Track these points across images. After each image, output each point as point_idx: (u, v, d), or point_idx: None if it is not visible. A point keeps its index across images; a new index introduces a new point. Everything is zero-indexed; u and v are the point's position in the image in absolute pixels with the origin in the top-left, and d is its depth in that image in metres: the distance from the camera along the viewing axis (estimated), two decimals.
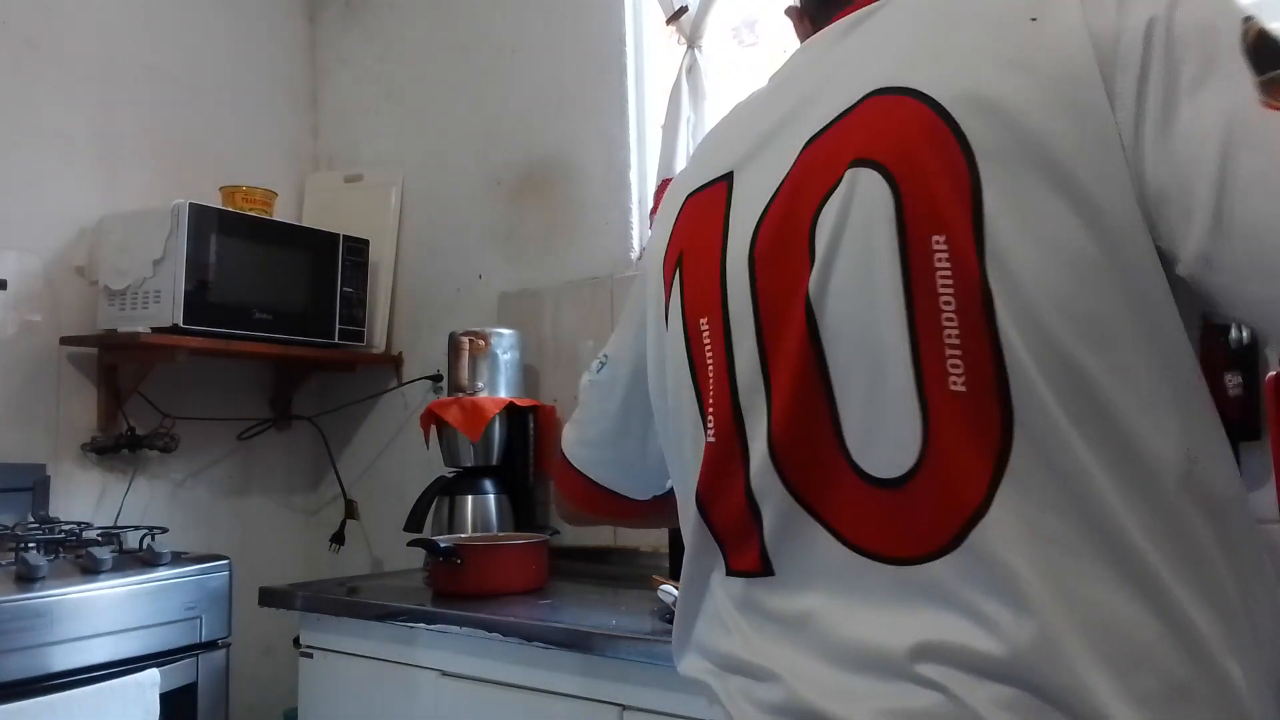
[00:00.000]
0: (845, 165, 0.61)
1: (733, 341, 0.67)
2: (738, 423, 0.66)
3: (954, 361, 0.56)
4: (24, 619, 1.57)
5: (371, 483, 2.65)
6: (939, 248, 0.56)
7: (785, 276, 0.63)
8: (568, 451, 0.94)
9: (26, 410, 2.18)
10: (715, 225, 0.69)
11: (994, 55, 0.58)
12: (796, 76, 0.72)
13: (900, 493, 0.58)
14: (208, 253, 2.15)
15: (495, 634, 1.56)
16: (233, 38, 2.67)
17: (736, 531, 0.67)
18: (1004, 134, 0.56)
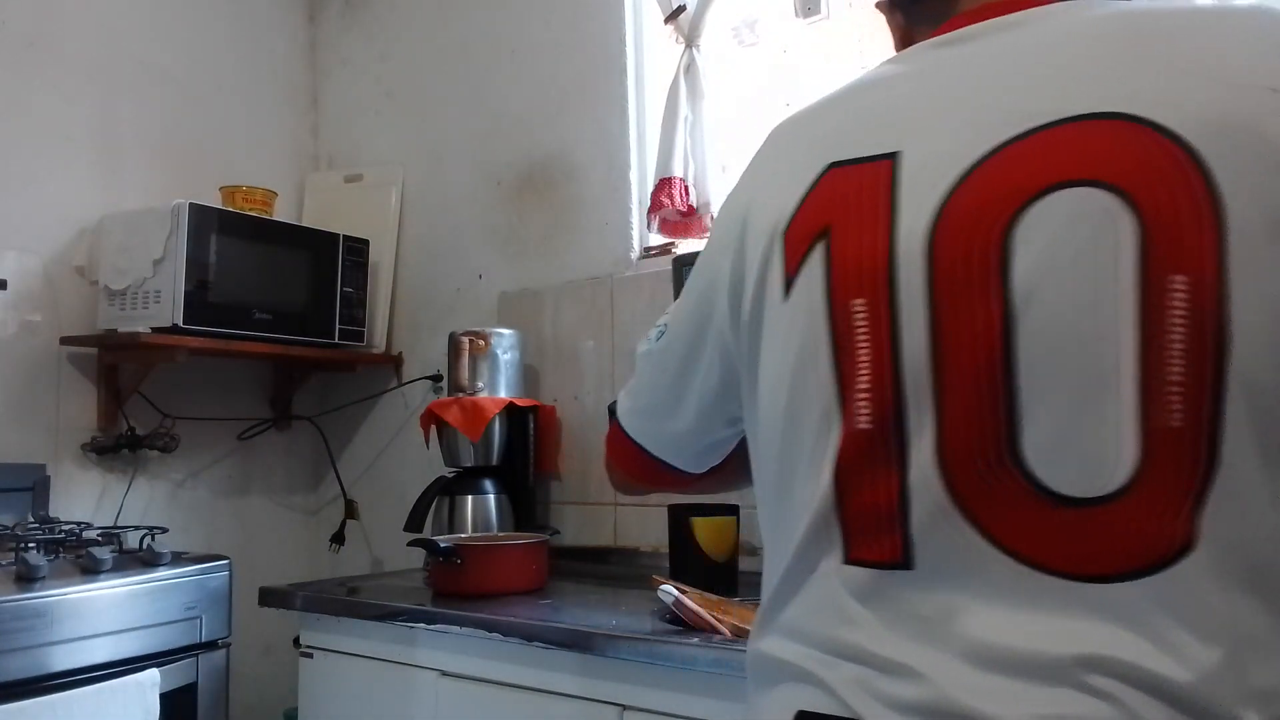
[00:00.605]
0: (1068, 177, 0.60)
1: (899, 328, 0.64)
2: (898, 415, 0.64)
3: (1175, 398, 0.57)
4: (24, 619, 1.57)
5: (371, 483, 2.65)
6: (1178, 287, 0.57)
7: (973, 272, 0.62)
8: (622, 419, 0.91)
9: (26, 410, 2.18)
10: (880, 204, 0.66)
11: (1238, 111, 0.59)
12: (966, 64, 0.70)
13: (1094, 511, 0.59)
14: (208, 253, 2.15)
15: (495, 634, 1.56)
16: (233, 37, 2.67)
17: (874, 521, 0.66)
18: (1257, 192, 0.57)
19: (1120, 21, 0.66)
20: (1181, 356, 0.57)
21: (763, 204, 0.75)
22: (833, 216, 0.69)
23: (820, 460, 0.68)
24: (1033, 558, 0.60)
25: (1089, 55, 0.65)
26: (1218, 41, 0.63)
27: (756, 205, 0.75)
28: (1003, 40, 0.69)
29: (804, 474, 0.70)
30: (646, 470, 0.92)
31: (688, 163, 2.11)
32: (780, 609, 0.72)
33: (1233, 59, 0.61)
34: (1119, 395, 0.58)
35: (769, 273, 0.72)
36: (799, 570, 0.70)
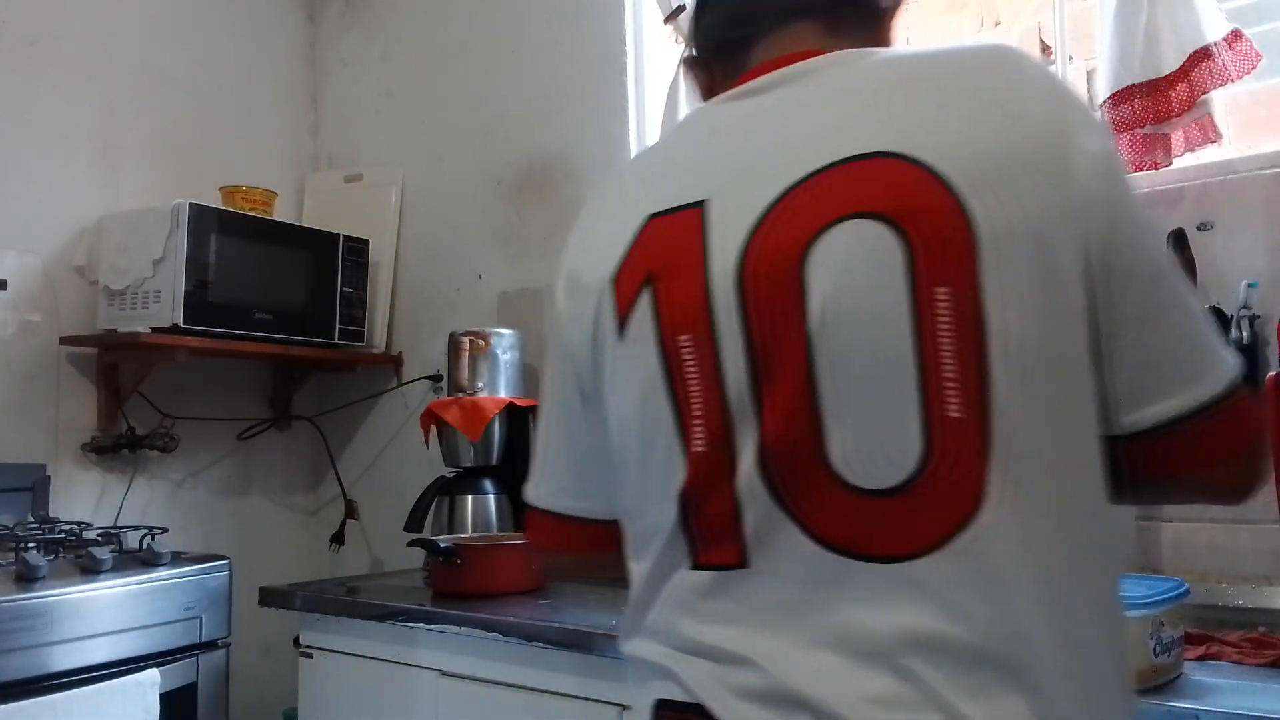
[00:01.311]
0: (845, 211, 0.69)
1: (721, 358, 0.72)
2: (727, 433, 0.72)
3: (951, 392, 0.66)
4: (24, 619, 1.57)
5: (371, 483, 2.65)
6: (942, 298, 0.66)
7: (776, 303, 0.70)
8: (530, 499, 0.94)
9: (26, 410, 2.18)
10: (693, 248, 0.74)
11: (985, 143, 0.69)
12: (763, 115, 0.79)
13: (892, 500, 0.67)
14: (208, 253, 2.15)
15: (495, 634, 1.56)
16: (233, 37, 2.67)
17: (717, 531, 0.73)
18: (999, 212, 0.67)
19: (890, 69, 0.77)
20: (953, 356, 0.66)
21: (591, 261, 0.83)
22: (655, 263, 0.77)
23: (669, 483, 0.75)
24: (849, 546, 0.68)
25: (864, 101, 0.74)
26: (967, 81, 0.73)
27: (585, 264, 0.83)
28: (792, 90, 0.78)
29: (657, 496, 0.77)
30: (564, 535, 0.93)
31: None
32: (643, 613, 0.79)
33: (976, 92, 0.72)
34: (905, 395, 0.67)
35: (603, 319, 0.79)
36: (656, 578, 0.77)
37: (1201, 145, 1.59)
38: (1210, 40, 1.53)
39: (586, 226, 0.88)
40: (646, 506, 0.79)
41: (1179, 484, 0.76)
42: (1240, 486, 0.75)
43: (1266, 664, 1.15)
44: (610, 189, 0.91)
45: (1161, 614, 1.06)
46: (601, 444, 0.85)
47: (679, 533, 0.75)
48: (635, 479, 0.80)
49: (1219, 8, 1.57)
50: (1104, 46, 1.64)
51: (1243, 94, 1.60)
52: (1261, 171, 1.55)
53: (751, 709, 0.69)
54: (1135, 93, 1.58)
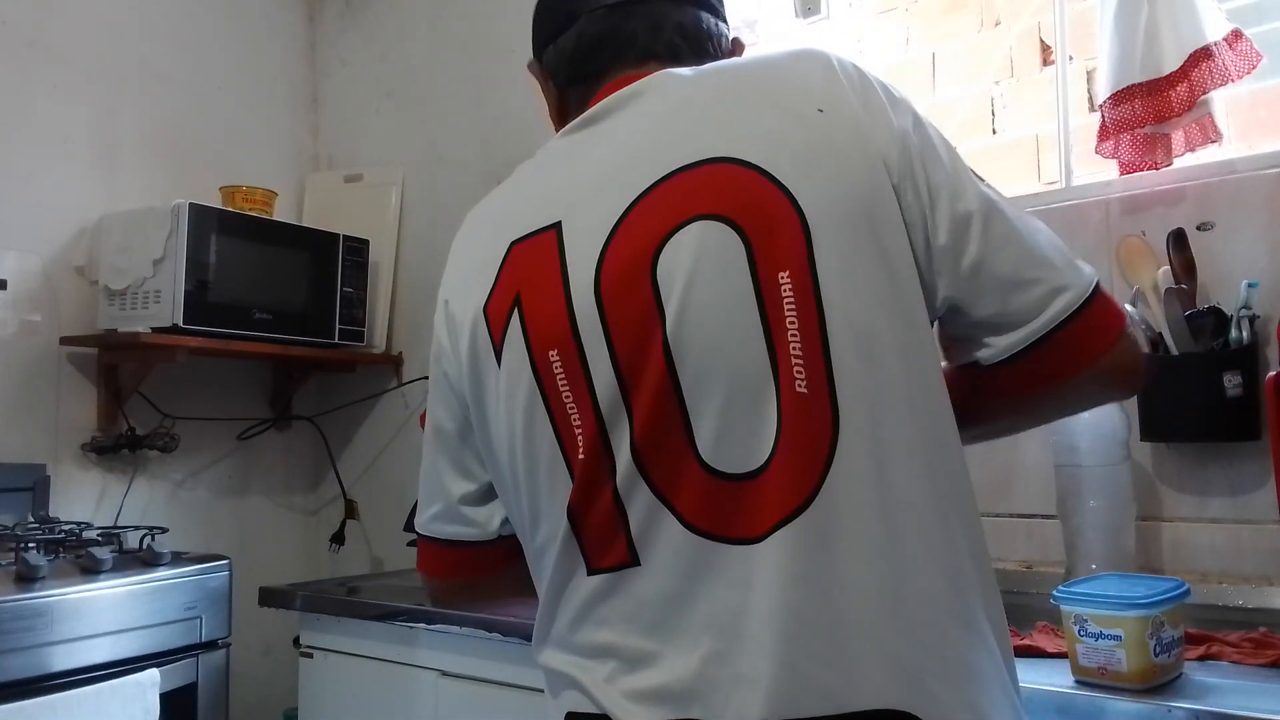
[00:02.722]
0: (686, 216, 0.74)
1: (589, 367, 0.76)
2: (603, 437, 0.76)
3: (798, 368, 0.71)
4: (24, 619, 1.57)
5: (371, 483, 2.65)
6: (784, 281, 0.72)
7: (634, 307, 0.75)
8: (417, 528, 0.96)
9: (26, 410, 2.18)
10: (552, 267, 0.79)
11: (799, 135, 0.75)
12: (603, 140, 0.84)
13: (753, 481, 0.71)
14: (208, 253, 2.15)
15: (495, 634, 1.56)
16: (233, 37, 2.67)
17: (603, 533, 0.76)
18: (823, 197, 0.73)
19: (712, 79, 0.83)
20: (797, 334, 0.71)
21: (461, 293, 0.86)
22: (520, 285, 0.81)
23: (557, 495, 0.79)
24: (716, 531, 0.72)
25: (690, 113, 0.80)
26: (779, 83, 0.80)
27: (456, 296, 0.87)
28: (627, 112, 0.84)
29: (546, 510, 0.80)
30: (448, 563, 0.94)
31: None
32: (548, 624, 0.82)
33: (791, 93, 0.79)
34: (760, 377, 0.71)
35: (479, 347, 0.83)
36: (556, 588, 0.80)
37: (1202, 145, 1.59)
38: (1210, 40, 1.53)
39: (456, 261, 0.92)
40: (539, 521, 0.81)
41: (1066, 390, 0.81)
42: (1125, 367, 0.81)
43: (1267, 664, 1.15)
44: (476, 224, 0.94)
45: (1161, 614, 1.06)
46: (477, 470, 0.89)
47: (571, 541, 0.78)
48: (525, 497, 0.82)
49: (1219, 8, 1.57)
50: (1104, 46, 1.64)
51: (1243, 94, 1.60)
52: (1262, 171, 1.55)
53: (648, 711, 0.72)
54: (1135, 93, 1.58)
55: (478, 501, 0.91)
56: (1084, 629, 1.08)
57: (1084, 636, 1.08)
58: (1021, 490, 1.71)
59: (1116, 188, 1.67)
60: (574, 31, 0.91)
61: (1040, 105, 1.90)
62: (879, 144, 0.75)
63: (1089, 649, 1.07)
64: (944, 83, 2.05)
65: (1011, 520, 1.72)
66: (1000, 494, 1.74)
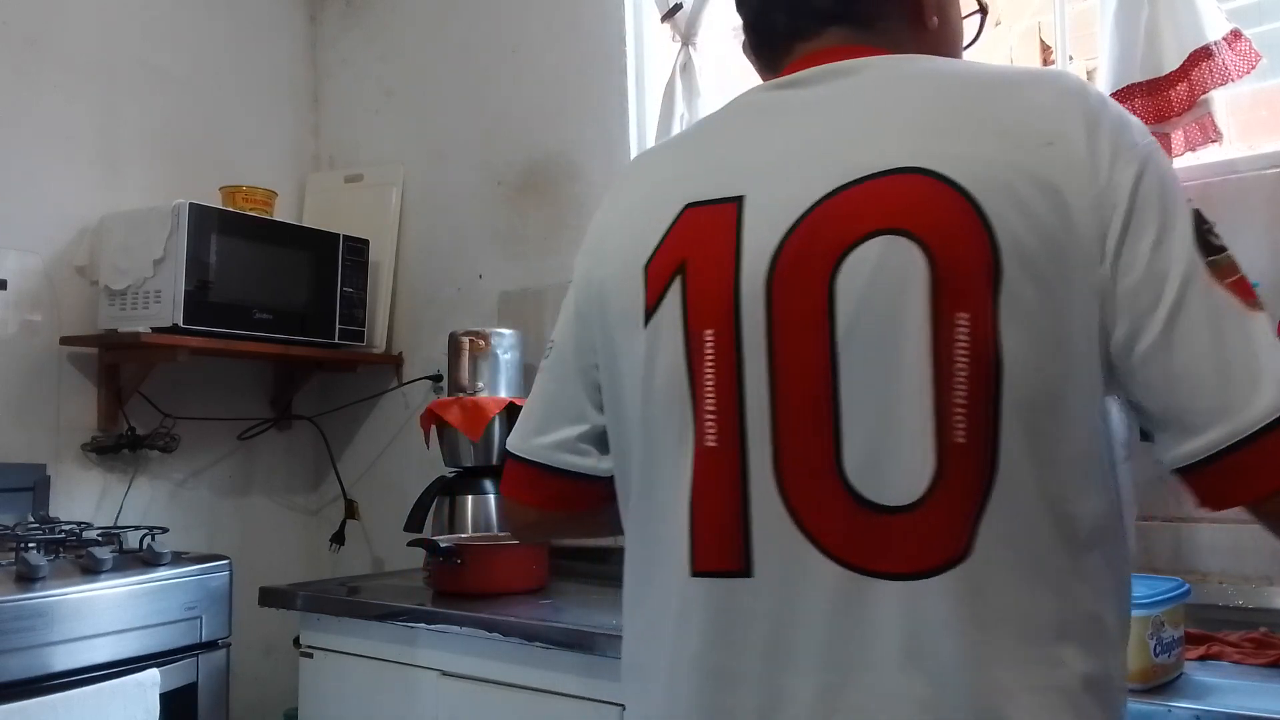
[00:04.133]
0: (877, 227, 0.70)
1: (743, 357, 0.73)
2: (741, 434, 0.72)
3: (959, 418, 0.67)
4: (24, 619, 1.57)
5: (372, 483, 2.65)
6: (961, 324, 0.67)
7: (803, 311, 0.71)
8: (518, 449, 0.92)
9: (27, 410, 2.18)
10: (727, 244, 0.75)
11: (1017, 166, 0.69)
12: (798, 111, 0.79)
13: (900, 518, 0.68)
14: (208, 253, 2.15)
15: (495, 634, 1.56)
16: (233, 37, 2.67)
17: (719, 533, 0.73)
18: (1021, 239, 0.67)
19: (932, 82, 0.76)
20: (965, 382, 0.67)
21: (622, 240, 0.83)
22: (688, 252, 0.77)
23: (677, 474, 0.75)
24: (855, 561, 0.69)
25: (903, 113, 0.75)
26: (1007, 104, 0.73)
27: (613, 239, 0.84)
28: (832, 88, 0.78)
29: (663, 484, 0.77)
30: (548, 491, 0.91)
31: None
32: (635, 614, 0.80)
33: (1017, 120, 0.71)
34: (918, 417, 0.68)
35: (630, 302, 0.80)
36: (653, 576, 0.78)
37: (1202, 145, 1.59)
38: (1210, 40, 1.53)
39: (618, 202, 0.87)
40: (654, 493, 0.78)
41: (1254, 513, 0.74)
42: None
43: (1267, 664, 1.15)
44: (648, 168, 0.90)
45: (1162, 614, 1.06)
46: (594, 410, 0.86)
47: (683, 529, 0.74)
48: (642, 463, 0.80)
49: (1219, 8, 1.57)
50: (1104, 46, 1.64)
51: (1243, 94, 1.60)
52: (1262, 171, 1.55)
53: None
54: (1135, 92, 1.58)
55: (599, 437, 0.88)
56: None
57: None
58: None
59: None
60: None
61: None
62: (1089, 196, 0.68)
63: None
64: None
65: None
66: None
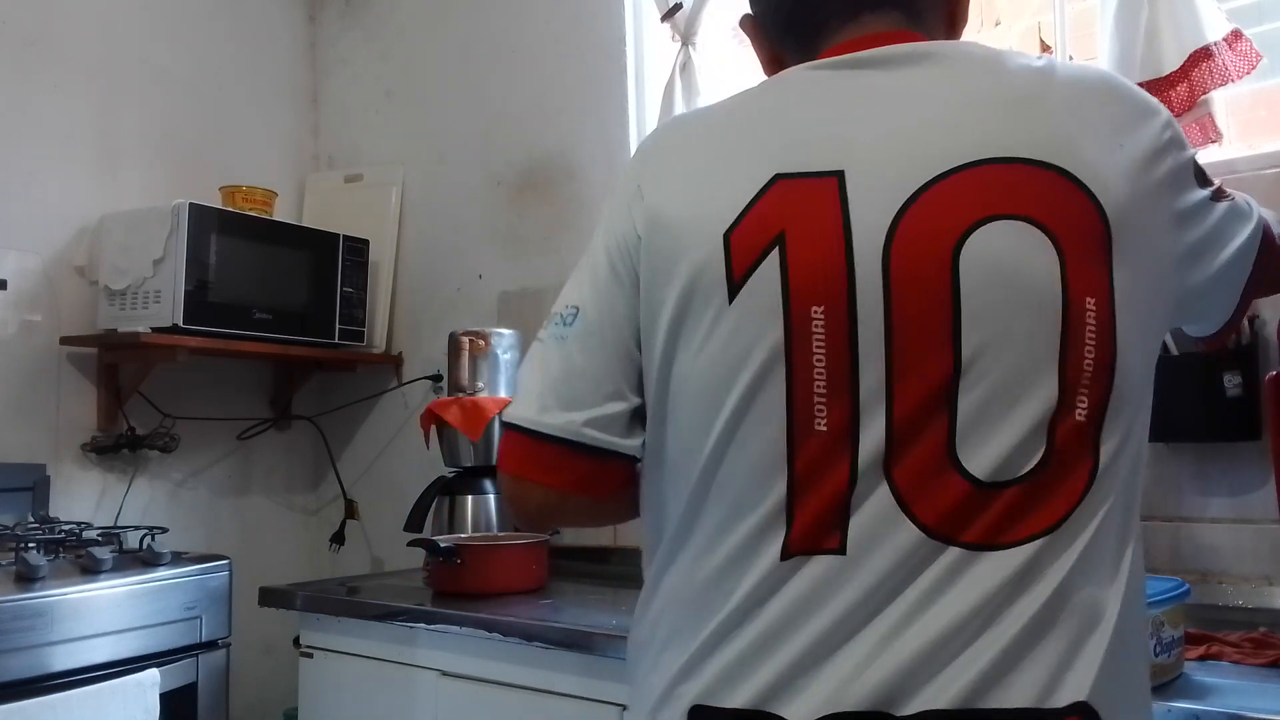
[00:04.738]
0: (997, 211, 0.71)
1: (858, 338, 0.71)
2: (854, 417, 0.71)
3: (1083, 396, 0.71)
4: (24, 619, 1.57)
5: (371, 483, 2.65)
6: (1090, 308, 0.70)
7: (927, 290, 0.70)
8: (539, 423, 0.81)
9: (26, 410, 2.18)
10: (834, 219, 0.72)
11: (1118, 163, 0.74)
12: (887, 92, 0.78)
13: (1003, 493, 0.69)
14: (208, 252, 2.15)
15: (495, 634, 1.56)
16: (233, 37, 2.67)
17: (820, 517, 0.71)
18: (1127, 230, 0.72)
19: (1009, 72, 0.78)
20: (1091, 365, 0.70)
21: (686, 203, 0.77)
22: (786, 226, 0.73)
23: (769, 459, 0.72)
24: (954, 535, 0.69)
25: (994, 101, 0.76)
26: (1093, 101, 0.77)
27: (674, 202, 0.78)
28: (916, 72, 0.78)
29: (749, 471, 0.73)
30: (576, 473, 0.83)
31: None
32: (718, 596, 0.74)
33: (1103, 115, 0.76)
34: (1045, 394, 0.70)
35: (707, 271, 0.75)
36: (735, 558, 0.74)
37: (1202, 145, 1.59)
38: (1210, 40, 1.53)
39: (676, 164, 0.82)
40: (727, 477, 0.74)
41: None
42: None
43: (1267, 664, 1.15)
44: (706, 131, 0.84)
45: (1161, 614, 1.06)
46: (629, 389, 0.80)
47: (780, 513, 0.72)
48: (712, 443, 0.75)
49: (1219, 8, 1.57)
50: (1104, 46, 1.64)
51: (1243, 94, 1.60)
52: (1262, 171, 1.55)
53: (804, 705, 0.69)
54: None
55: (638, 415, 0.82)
56: None
57: None
58: None
59: None
60: None
61: None
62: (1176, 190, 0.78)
63: None
64: None
65: None
66: None
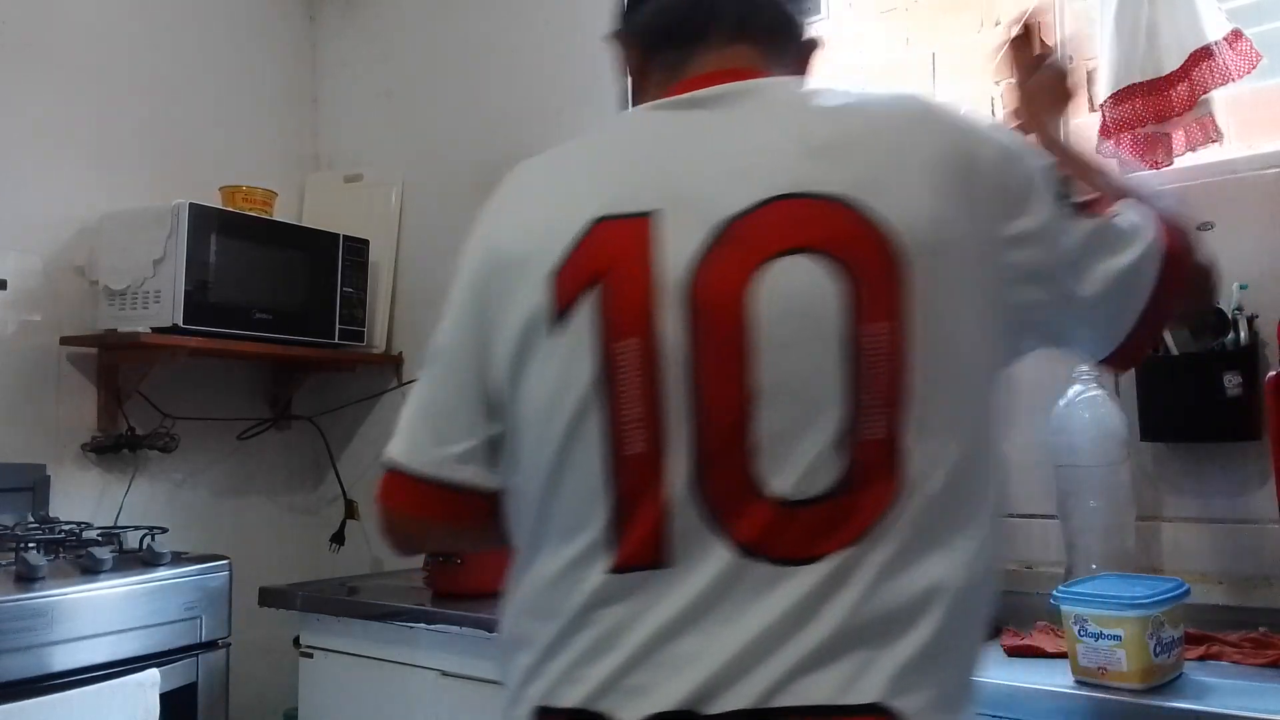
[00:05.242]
0: (788, 246, 0.75)
1: (661, 369, 0.75)
2: (664, 445, 0.75)
3: (878, 415, 0.73)
4: (24, 619, 1.57)
5: (372, 483, 2.63)
6: (881, 332, 0.73)
7: (722, 327, 0.75)
8: (409, 463, 0.89)
9: (26, 410, 2.18)
10: (642, 258, 0.77)
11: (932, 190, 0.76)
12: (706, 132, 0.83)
13: (809, 511, 0.73)
14: (207, 253, 2.15)
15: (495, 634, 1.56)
16: (233, 38, 2.67)
17: (640, 532, 0.76)
18: (932, 256, 0.74)
19: (822, 108, 0.83)
20: (885, 385, 0.73)
21: (525, 246, 0.83)
22: (602, 264, 0.79)
23: (593, 481, 0.77)
24: (765, 551, 0.73)
25: (798, 137, 0.79)
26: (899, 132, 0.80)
27: (517, 246, 0.84)
28: (735, 111, 0.83)
29: (577, 492, 0.78)
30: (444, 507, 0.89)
31: None
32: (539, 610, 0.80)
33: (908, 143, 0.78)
34: (836, 415, 0.73)
35: (536, 308, 0.80)
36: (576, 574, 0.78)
37: (1202, 145, 1.59)
38: (1211, 40, 1.53)
39: (511, 206, 0.90)
40: (560, 499, 0.80)
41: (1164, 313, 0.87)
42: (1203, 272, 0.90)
43: (1267, 664, 1.15)
44: (542, 175, 0.92)
45: (1161, 614, 1.06)
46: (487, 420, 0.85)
47: (608, 533, 0.77)
48: (546, 469, 0.80)
49: (1219, 7, 1.57)
50: (1104, 46, 1.64)
51: (1244, 94, 1.60)
52: (1262, 171, 1.55)
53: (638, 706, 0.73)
54: (1136, 92, 1.58)
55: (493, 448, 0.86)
56: (1084, 629, 1.08)
57: (1084, 636, 1.08)
58: (1021, 490, 1.71)
59: None
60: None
61: None
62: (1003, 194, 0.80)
63: (1089, 649, 1.07)
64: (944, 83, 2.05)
65: (1012, 520, 1.72)
66: None
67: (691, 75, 0.87)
